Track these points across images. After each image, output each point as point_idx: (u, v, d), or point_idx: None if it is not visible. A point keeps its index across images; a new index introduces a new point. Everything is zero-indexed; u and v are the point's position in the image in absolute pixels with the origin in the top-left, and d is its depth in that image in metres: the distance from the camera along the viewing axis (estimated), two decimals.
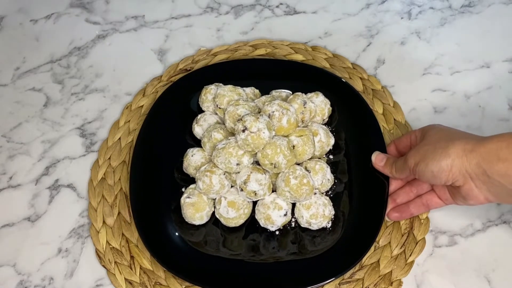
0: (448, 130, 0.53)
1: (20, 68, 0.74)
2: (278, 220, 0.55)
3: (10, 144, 0.66)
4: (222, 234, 0.57)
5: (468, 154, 0.48)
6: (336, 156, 0.61)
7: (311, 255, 0.55)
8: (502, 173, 0.46)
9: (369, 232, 0.55)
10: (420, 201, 0.56)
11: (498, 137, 0.47)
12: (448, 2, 0.78)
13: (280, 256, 0.55)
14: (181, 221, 0.57)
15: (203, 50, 0.73)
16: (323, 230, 0.56)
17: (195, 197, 0.56)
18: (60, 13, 0.80)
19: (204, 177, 0.55)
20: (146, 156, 0.61)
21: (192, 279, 0.53)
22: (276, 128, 0.55)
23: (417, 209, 0.56)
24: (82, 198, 0.62)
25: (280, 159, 0.54)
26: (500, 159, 0.46)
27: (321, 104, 0.62)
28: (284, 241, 0.56)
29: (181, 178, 0.60)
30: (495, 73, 0.69)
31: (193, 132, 0.62)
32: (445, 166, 0.49)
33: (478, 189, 0.49)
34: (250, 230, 0.57)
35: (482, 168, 0.47)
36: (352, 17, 0.77)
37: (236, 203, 0.55)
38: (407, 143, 0.58)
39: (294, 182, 0.53)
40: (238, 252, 0.56)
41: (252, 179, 0.54)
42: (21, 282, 0.56)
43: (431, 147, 0.50)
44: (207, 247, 0.56)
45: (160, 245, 0.55)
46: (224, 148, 0.55)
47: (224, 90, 0.61)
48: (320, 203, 0.55)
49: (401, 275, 0.55)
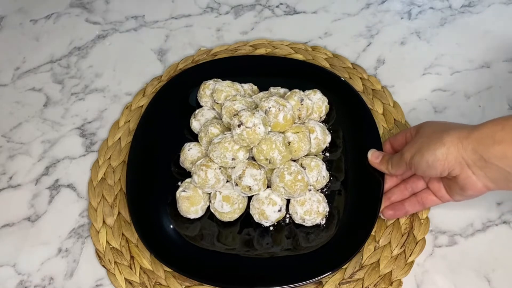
0: (442, 122, 0.53)
1: (20, 68, 0.74)
2: (272, 215, 0.55)
3: (10, 144, 0.66)
4: (217, 228, 0.57)
5: (463, 141, 0.48)
6: (332, 154, 0.61)
7: (305, 251, 0.55)
8: (499, 156, 0.46)
9: (363, 229, 0.55)
10: (415, 199, 0.56)
11: (492, 122, 0.47)
12: (448, 2, 0.78)
13: (274, 251, 0.55)
14: (176, 215, 0.57)
15: (203, 50, 0.73)
16: (317, 227, 0.56)
17: (190, 191, 0.56)
18: (60, 13, 0.80)
19: (199, 171, 0.55)
20: (143, 150, 0.61)
21: (187, 273, 0.53)
22: (272, 124, 0.56)
23: (412, 207, 0.56)
24: (82, 198, 0.62)
25: (275, 155, 0.54)
26: (496, 141, 0.46)
27: (319, 102, 0.62)
28: (278, 237, 0.56)
29: (177, 172, 0.60)
30: (495, 73, 0.69)
31: (191, 126, 0.62)
32: (440, 155, 0.48)
33: (475, 176, 0.48)
34: (245, 225, 0.57)
35: (478, 154, 0.47)
36: (352, 17, 0.77)
37: (231, 198, 0.56)
38: (402, 141, 0.58)
39: (289, 178, 0.54)
40: (233, 246, 0.56)
41: (247, 174, 0.54)
42: (21, 282, 0.56)
43: (426, 139, 0.50)
44: (202, 241, 0.56)
45: (156, 238, 0.55)
46: (220, 142, 0.55)
47: (222, 85, 0.61)
48: (315, 200, 0.55)
49: (401, 275, 0.55)
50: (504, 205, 0.59)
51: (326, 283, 0.54)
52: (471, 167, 0.48)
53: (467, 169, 0.48)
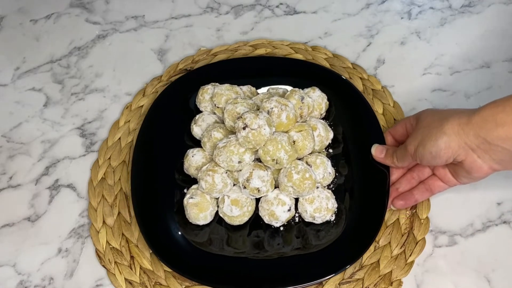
0: (441, 110, 0.53)
1: (20, 68, 0.74)
2: (282, 215, 0.55)
3: (10, 144, 0.66)
4: (226, 232, 0.57)
5: (464, 127, 0.48)
6: (335, 150, 0.62)
7: (316, 249, 0.55)
8: (503, 138, 0.46)
9: (373, 223, 0.55)
10: (423, 187, 0.56)
11: (491, 104, 0.47)
12: (448, 2, 0.78)
13: (284, 251, 0.56)
14: (185, 222, 0.57)
15: (203, 50, 0.73)
16: (327, 224, 0.57)
17: (198, 197, 0.56)
18: (60, 13, 0.80)
19: (206, 176, 0.55)
20: (146, 160, 0.61)
21: (197, 278, 0.53)
22: (276, 124, 0.56)
23: (421, 194, 0.56)
24: (82, 198, 0.62)
25: (281, 155, 0.54)
26: (499, 124, 0.46)
27: (318, 99, 0.62)
28: (288, 237, 0.56)
29: (182, 180, 0.60)
30: (495, 73, 0.69)
31: (192, 132, 0.62)
32: (443, 144, 0.49)
33: (481, 159, 0.49)
34: (255, 227, 0.57)
35: (481, 137, 0.47)
36: (352, 17, 0.77)
37: (239, 201, 0.56)
38: (402, 131, 0.58)
39: (297, 177, 0.54)
40: (242, 250, 0.56)
41: (254, 176, 0.54)
42: (21, 282, 0.56)
43: (426, 129, 0.51)
44: (211, 247, 0.56)
45: (166, 248, 0.55)
46: (225, 146, 0.55)
47: (222, 89, 0.61)
48: (323, 197, 0.55)
49: (401, 275, 0.55)
50: (504, 205, 0.59)
51: (326, 283, 0.54)
52: (475, 151, 0.48)
53: (472, 153, 0.49)
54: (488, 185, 0.60)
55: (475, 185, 0.60)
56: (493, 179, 0.60)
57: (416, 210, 0.58)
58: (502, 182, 0.60)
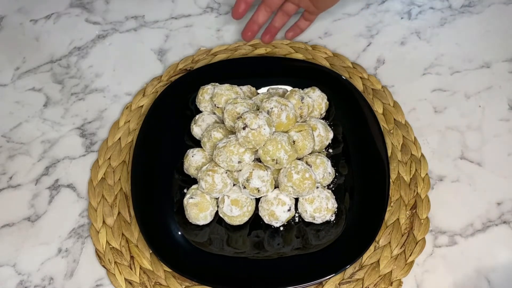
0: None
1: (20, 68, 0.74)
2: (282, 215, 0.55)
3: (10, 144, 0.66)
4: (226, 232, 0.57)
5: None
6: (335, 150, 0.62)
7: (316, 249, 0.55)
8: None
9: (373, 223, 0.55)
10: (280, 13, 0.67)
11: None
12: (448, 2, 0.78)
13: (284, 251, 0.56)
14: (184, 222, 0.57)
15: (203, 50, 0.73)
16: (327, 224, 0.57)
17: (198, 197, 0.56)
18: (60, 13, 0.80)
19: (206, 176, 0.55)
20: (146, 160, 0.61)
21: (197, 278, 0.53)
22: (276, 124, 0.56)
23: (279, 20, 0.68)
24: (82, 198, 0.62)
25: (281, 155, 0.54)
26: None
27: (318, 99, 0.62)
28: (288, 237, 0.56)
29: (182, 180, 0.60)
30: (495, 73, 0.69)
31: (192, 133, 0.62)
32: None
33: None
34: (255, 227, 0.57)
35: None
36: (352, 17, 0.77)
37: (239, 201, 0.56)
38: None
39: (297, 177, 0.54)
40: (242, 250, 0.56)
41: (254, 176, 0.54)
42: (21, 282, 0.56)
43: None
44: (211, 247, 0.56)
45: (166, 248, 0.55)
46: (225, 146, 0.55)
47: (221, 89, 0.61)
48: (323, 197, 0.55)
49: (401, 275, 0.55)
50: (504, 205, 0.59)
51: (326, 283, 0.54)
52: None
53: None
54: (488, 185, 0.60)
55: (475, 185, 0.60)
56: (493, 179, 0.61)
57: (416, 210, 0.58)
58: (502, 182, 0.60)
